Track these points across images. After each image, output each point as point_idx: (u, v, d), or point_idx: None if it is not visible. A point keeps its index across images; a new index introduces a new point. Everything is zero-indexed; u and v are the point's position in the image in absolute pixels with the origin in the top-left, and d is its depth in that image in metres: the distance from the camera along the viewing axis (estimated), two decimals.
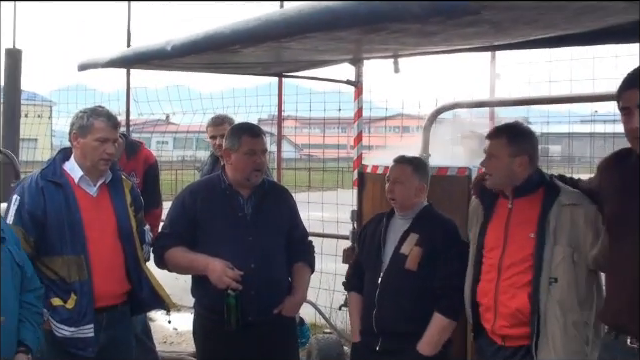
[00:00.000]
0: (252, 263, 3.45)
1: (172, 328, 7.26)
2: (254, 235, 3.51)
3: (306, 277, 3.72)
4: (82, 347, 3.33)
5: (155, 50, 3.51)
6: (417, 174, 3.51)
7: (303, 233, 3.83)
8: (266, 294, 3.49)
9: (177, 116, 8.49)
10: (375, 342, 3.44)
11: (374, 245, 3.55)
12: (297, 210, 3.83)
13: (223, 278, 3.35)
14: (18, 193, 3.37)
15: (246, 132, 3.59)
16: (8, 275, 2.88)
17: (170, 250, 3.57)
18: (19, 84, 6.96)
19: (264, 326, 3.49)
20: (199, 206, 3.57)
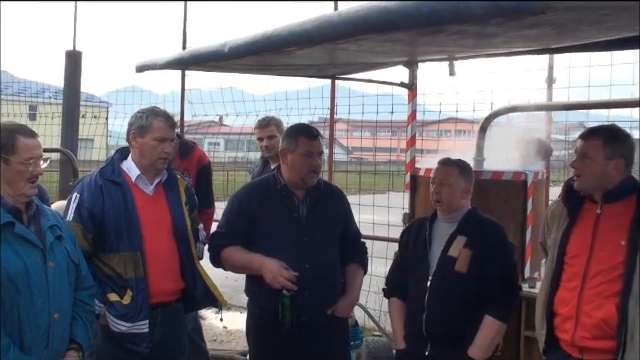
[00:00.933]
0: (307, 264, 3.45)
1: (222, 327, 7.34)
2: (309, 236, 3.51)
3: (359, 278, 3.71)
4: (137, 342, 3.38)
5: (212, 51, 3.55)
6: (463, 176, 3.48)
7: (357, 234, 3.82)
8: (320, 295, 3.49)
9: (229, 118, 8.58)
10: (424, 347, 3.39)
11: (419, 249, 3.51)
12: (351, 211, 3.82)
13: (278, 278, 3.36)
14: (78, 191, 3.45)
15: (303, 133, 3.60)
16: (64, 272, 2.94)
17: (226, 249, 3.59)
18: (79, 85, 7.13)
19: (317, 326, 3.49)
20: (255, 206, 3.59)
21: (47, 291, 2.82)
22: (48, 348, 2.84)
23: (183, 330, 3.75)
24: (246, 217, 3.59)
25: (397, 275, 3.67)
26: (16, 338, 2.74)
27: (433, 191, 3.50)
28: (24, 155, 2.81)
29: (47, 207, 3.11)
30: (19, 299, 2.74)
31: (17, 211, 2.84)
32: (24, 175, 2.82)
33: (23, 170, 2.81)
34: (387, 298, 3.73)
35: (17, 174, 2.81)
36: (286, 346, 3.47)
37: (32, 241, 2.82)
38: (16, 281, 2.73)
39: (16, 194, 2.83)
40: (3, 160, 2.80)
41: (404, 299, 3.58)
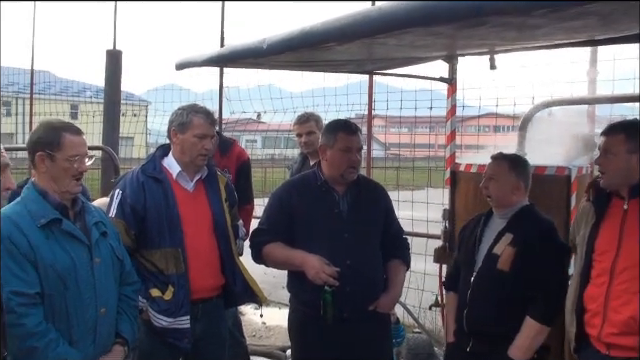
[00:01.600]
0: (348, 260, 3.44)
1: (261, 322, 7.37)
2: (350, 231, 3.50)
3: (401, 274, 3.69)
4: (179, 337, 3.42)
5: (250, 48, 3.56)
6: (514, 171, 3.41)
7: (398, 230, 3.80)
8: (361, 290, 3.47)
9: (267, 115, 8.61)
10: (466, 343, 3.39)
11: (470, 244, 3.49)
12: (392, 206, 3.80)
13: (320, 274, 3.36)
14: (120, 187, 3.49)
15: (342, 129, 3.58)
16: (109, 268, 2.99)
17: (267, 245, 3.60)
18: (119, 84, 7.23)
19: (359, 322, 3.48)
20: (295, 202, 3.59)
21: (94, 286, 2.87)
22: (95, 342, 2.89)
23: (224, 326, 3.77)
24: (287, 213, 3.60)
25: (454, 270, 3.67)
26: (64, 332, 2.79)
27: (482, 185, 3.46)
28: (69, 152, 2.85)
29: (91, 204, 3.15)
30: (67, 294, 2.79)
31: (63, 208, 2.89)
32: (69, 172, 2.86)
33: (68, 167, 2.85)
34: (447, 291, 3.77)
35: (62, 171, 2.86)
36: (328, 342, 3.47)
37: (79, 237, 2.87)
38: (64, 277, 2.78)
39: (61, 191, 2.87)
40: (49, 157, 2.85)
41: None
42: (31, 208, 2.81)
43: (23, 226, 2.76)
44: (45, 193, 2.86)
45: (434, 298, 5.28)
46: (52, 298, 2.76)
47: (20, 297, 2.66)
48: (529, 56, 4.66)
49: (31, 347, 2.68)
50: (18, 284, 2.67)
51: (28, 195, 2.87)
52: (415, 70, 5.33)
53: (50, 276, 2.75)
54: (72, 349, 2.79)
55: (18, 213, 2.79)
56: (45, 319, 2.75)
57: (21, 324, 2.66)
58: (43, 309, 2.75)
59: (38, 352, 2.70)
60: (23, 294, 2.68)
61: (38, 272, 2.74)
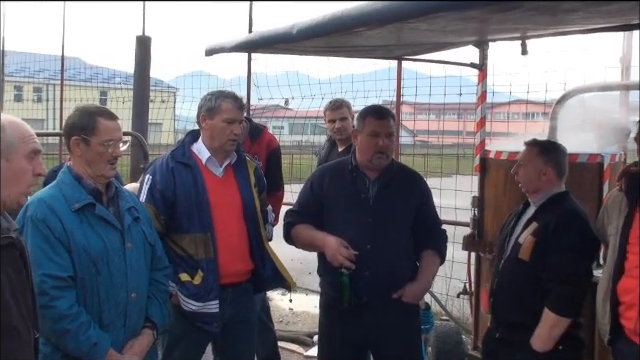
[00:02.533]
0: (368, 244, 3.44)
1: (288, 308, 7.41)
2: (374, 217, 3.48)
3: (432, 265, 3.62)
4: (208, 322, 3.45)
5: (281, 34, 3.54)
6: (542, 157, 3.35)
7: (434, 220, 3.72)
8: (382, 276, 3.45)
9: (295, 101, 8.60)
10: (496, 329, 3.41)
11: (505, 233, 3.47)
12: (430, 196, 3.71)
13: (337, 256, 3.38)
14: (150, 173, 3.52)
15: (371, 113, 3.57)
16: (141, 253, 3.01)
17: (296, 226, 3.65)
18: (148, 70, 7.25)
19: (382, 309, 3.46)
20: (326, 186, 3.61)
21: (125, 271, 2.89)
22: (125, 326, 2.92)
23: (253, 310, 3.79)
24: (316, 196, 3.63)
25: None
26: (96, 316, 2.82)
27: (512, 172, 3.44)
28: (104, 137, 2.87)
29: (125, 189, 3.17)
30: (99, 279, 2.82)
31: (97, 192, 2.91)
32: (104, 156, 2.88)
33: (102, 151, 2.88)
34: None
35: (97, 155, 2.88)
36: (351, 326, 3.49)
37: (111, 222, 2.89)
38: (96, 261, 2.81)
39: (96, 175, 2.90)
40: (83, 141, 2.87)
41: None
42: (66, 192, 2.85)
43: (58, 210, 2.79)
44: (80, 178, 2.89)
45: (462, 286, 5.25)
46: (84, 282, 2.79)
47: (53, 280, 2.70)
48: (561, 41, 4.57)
49: (63, 329, 2.72)
50: (51, 267, 2.70)
51: (63, 179, 2.90)
52: (444, 56, 5.28)
53: (83, 260, 2.78)
54: (103, 332, 2.82)
55: (53, 197, 2.82)
56: (77, 302, 2.78)
57: (53, 306, 2.70)
58: (75, 292, 2.78)
59: (70, 334, 2.73)
60: (56, 277, 2.71)
61: (71, 256, 2.77)
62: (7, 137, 2.10)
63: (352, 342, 3.54)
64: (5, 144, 2.10)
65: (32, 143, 2.17)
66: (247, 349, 3.74)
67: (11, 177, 2.11)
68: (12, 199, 2.14)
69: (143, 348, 2.99)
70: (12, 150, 2.11)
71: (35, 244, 2.69)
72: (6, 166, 2.10)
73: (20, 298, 2.11)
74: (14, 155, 2.11)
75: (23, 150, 2.13)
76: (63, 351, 2.78)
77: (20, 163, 2.13)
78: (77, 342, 2.75)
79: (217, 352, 3.71)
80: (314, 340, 6.15)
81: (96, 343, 2.78)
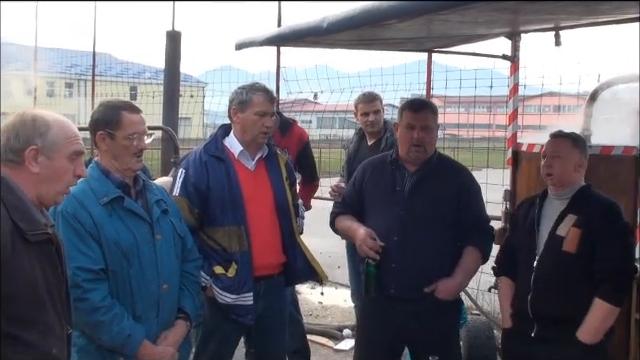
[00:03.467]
0: (395, 236, 3.43)
1: (317, 302, 7.42)
2: (406, 210, 3.46)
3: (470, 262, 3.53)
4: (242, 314, 3.47)
5: (311, 27, 3.55)
6: (577, 148, 3.31)
7: (478, 216, 3.60)
8: (408, 269, 3.42)
9: (323, 95, 8.60)
10: (530, 328, 3.29)
11: (527, 228, 3.38)
12: (474, 191, 3.61)
13: (362, 246, 3.41)
14: (184, 167, 3.55)
15: (407, 106, 3.57)
16: (171, 245, 3.03)
17: (338, 217, 3.73)
18: (179, 65, 7.31)
19: (414, 302, 3.44)
20: (366, 178, 3.64)
21: (156, 263, 2.92)
22: (158, 318, 2.95)
23: (285, 303, 3.82)
24: (358, 188, 3.67)
25: (506, 254, 3.55)
26: (128, 308, 2.86)
27: (544, 164, 3.35)
28: (128, 130, 2.90)
29: (152, 182, 3.21)
30: (130, 271, 2.85)
31: (125, 186, 2.94)
32: (129, 149, 2.91)
33: (128, 145, 2.90)
34: (496, 277, 3.65)
35: (122, 148, 2.91)
36: (384, 318, 3.49)
37: (140, 215, 2.92)
38: (127, 253, 2.84)
39: (123, 168, 2.93)
40: (109, 135, 2.91)
41: (513, 278, 3.47)
42: (94, 186, 2.88)
43: (87, 204, 2.83)
44: (108, 172, 2.92)
45: (494, 280, 5.20)
46: (116, 274, 2.83)
47: (85, 273, 2.74)
48: (595, 32, 4.50)
49: (97, 321, 2.75)
50: (83, 260, 2.74)
51: (91, 174, 2.92)
52: (474, 48, 5.24)
53: (114, 253, 2.81)
54: (136, 324, 2.85)
55: (82, 191, 2.85)
56: (110, 294, 2.81)
57: (86, 299, 2.73)
58: (108, 285, 2.82)
59: (103, 326, 2.77)
60: (88, 270, 2.75)
61: (102, 249, 2.80)
62: (52, 136, 2.14)
63: (386, 334, 3.53)
64: (49, 143, 2.14)
65: (75, 144, 2.20)
66: (279, 341, 3.76)
67: (52, 175, 2.15)
68: (50, 197, 2.18)
69: (177, 339, 3.02)
70: (55, 149, 2.15)
71: (66, 238, 2.71)
72: (47, 164, 2.14)
73: (55, 293, 2.14)
74: (56, 154, 2.15)
75: (66, 150, 2.17)
76: (97, 343, 2.82)
77: (61, 162, 2.16)
78: (111, 333, 2.78)
79: (250, 344, 3.73)
80: (344, 334, 6.16)
81: (130, 334, 2.81)
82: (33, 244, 2.05)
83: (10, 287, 1.97)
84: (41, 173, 2.13)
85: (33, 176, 2.13)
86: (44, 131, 2.14)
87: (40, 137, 2.13)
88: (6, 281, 1.96)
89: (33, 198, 2.14)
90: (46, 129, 2.14)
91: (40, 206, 2.17)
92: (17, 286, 1.99)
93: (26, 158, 2.12)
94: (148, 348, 2.87)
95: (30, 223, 2.06)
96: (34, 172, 2.13)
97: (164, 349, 2.94)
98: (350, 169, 4.79)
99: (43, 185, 2.15)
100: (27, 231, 2.03)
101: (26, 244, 2.03)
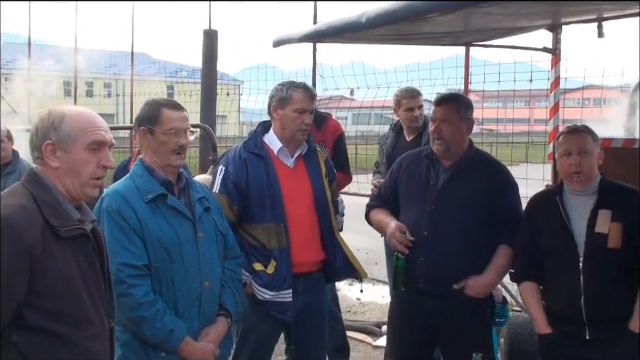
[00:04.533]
0: (425, 231, 3.40)
1: (356, 298, 7.41)
2: (437, 204, 3.43)
3: (502, 260, 3.44)
4: (282, 311, 3.48)
5: (349, 23, 3.52)
6: (596, 142, 3.23)
7: (514, 213, 3.50)
8: (437, 264, 3.39)
9: (359, 91, 8.56)
10: (582, 331, 3.17)
11: (555, 228, 3.24)
12: (510, 188, 3.54)
13: (391, 240, 3.42)
14: (223, 164, 3.57)
15: (436, 100, 3.59)
16: (213, 242, 3.04)
17: (373, 210, 3.73)
18: (216, 63, 7.36)
19: (444, 297, 3.40)
20: (402, 172, 3.63)
21: (198, 260, 2.93)
22: (200, 314, 2.96)
23: (324, 300, 3.81)
24: (392, 182, 3.66)
25: (528, 257, 3.36)
26: (171, 304, 2.88)
27: (572, 162, 3.19)
28: (166, 126, 2.92)
29: (195, 180, 3.21)
30: (173, 267, 2.87)
31: (169, 184, 2.97)
32: (168, 145, 2.92)
33: (166, 140, 2.92)
34: (516, 282, 3.45)
35: (161, 145, 2.93)
36: (414, 312, 3.48)
37: (183, 212, 2.94)
38: (169, 250, 2.86)
39: (163, 164, 2.95)
40: (149, 131, 2.94)
41: (539, 282, 3.35)
42: (139, 184, 2.91)
43: (131, 201, 2.86)
44: (152, 170, 2.95)
45: None
46: (158, 271, 2.85)
47: (129, 269, 2.76)
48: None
49: (140, 316, 2.78)
50: (127, 256, 2.77)
51: (136, 171, 2.97)
52: (513, 42, 5.16)
53: (157, 249, 2.84)
54: (179, 320, 2.87)
55: (127, 188, 2.90)
56: (153, 291, 2.84)
57: (130, 294, 2.76)
58: (151, 281, 2.84)
59: (146, 321, 2.79)
60: (132, 266, 2.77)
61: (145, 245, 2.83)
62: (66, 128, 2.13)
63: (414, 329, 3.51)
64: (63, 135, 2.13)
65: (93, 135, 2.16)
66: (319, 338, 3.76)
67: (71, 168, 2.14)
68: (76, 190, 2.16)
69: (218, 335, 3.02)
70: (70, 141, 2.13)
71: (111, 234, 2.75)
72: (65, 157, 2.13)
73: (93, 288, 2.15)
74: (73, 146, 2.14)
75: (82, 141, 2.15)
76: (141, 338, 2.85)
77: (79, 154, 2.15)
78: (154, 329, 2.80)
79: (290, 341, 3.74)
80: (382, 330, 6.14)
81: (172, 330, 2.83)
82: (66, 240, 2.06)
83: (45, 282, 2.00)
84: (61, 167, 2.13)
85: (55, 171, 2.14)
86: (58, 124, 2.13)
87: (54, 131, 2.12)
88: (40, 277, 1.99)
89: (64, 193, 2.14)
90: (60, 122, 2.13)
91: (72, 201, 2.17)
92: (52, 281, 2.01)
93: (44, 153, 2.13)
94: (190, 344, 2.89)
95: (62, 219, 2.07)
96: (54, 166, 2.13)
97: (205, 345, 2.95)
98: (390, 165, 4.75)
99: (66, 178, 2.14)
100: (59, 227, 2.04)
101: (59, 240, 2.04)
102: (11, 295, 1.96)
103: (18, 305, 1.98)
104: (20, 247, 1.95)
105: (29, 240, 1.97)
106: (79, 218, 2.15)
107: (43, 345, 2.03)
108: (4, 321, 1.96)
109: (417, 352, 3.57)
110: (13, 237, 1.95)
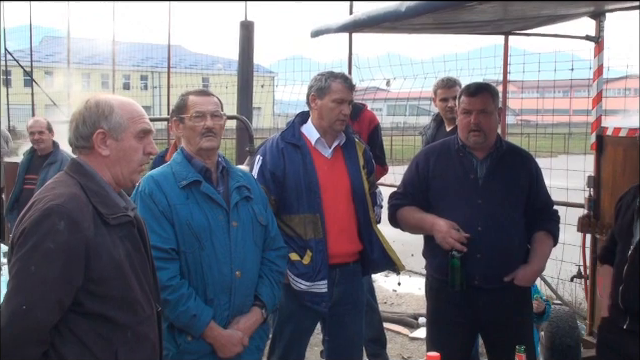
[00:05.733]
0: (479, 226, 3.34)
1: (392, 290, 7.40)
2: (484, 198, 3.38)
3: (546, 247, 3.47)
4: (317, 301, 3.47)
5: (389, 12, 3.49)
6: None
7: (546, 201, 3.57)
8: (493, 259, 3.35)
9: (395, 82, 8.49)
10: (622, 320, 3.12)
11: (627, 217, 3.21)
12: (540, 176, 3.57)
13: (447, 239, 3.31)
14: (261, 153, 3.57)
15: (465, 91, 3.49)
16: (248, 232, 3.02)
17: (402, 209, 3.59)
18: (252, 54, 7.36)
19: (495, 292, 3.37)
20: (432, 167, 3.53)
21: (229, 249, 2.92)
22: (230, 302, 2.93)
23: (361, 292, 3.77)
24: (422, 178, 3.55)
25: (609, 242, 3.40)
26: (200, 290, 2.88)
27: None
28: (192, 111, 2.96)
29: (238, 169, 3.21)
30: (202, 254, 2.87)
31: (206, 171, 2.99)
32: (197, 130, 2.95)
33: (194, 125, 2.96)
34: (600, 264, 3.52)
35: (190, 130, 2.97)
36: (462, 310, 3.41)
37: (216, 200, 2.94)
38: (199, 235, 2.86)
39: (195, 149, 2.98)
40: (180, 120, 2.99)
41: None
42: (176, 170, 2.95)
43: (164, 186, 2.89)
44: (190, 157, 2.98)
45: (578, 269, 5.05)
46: (187, 256, 2.86)
47: (156, 251, 2.74)
48: None
49: (164, 300, 2.74)
50: (155, 239, 2.76)
51: (175, 158, 3.02)
52: (555, 30, 5.07)
53: (186, 234, 2.85)
54: (205, 306, 2.86)
55: (163, 174, 2.94)
56: (180, 275, 2.85)
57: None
58: (179, 265, 2.85)
59: (169, 305, 2.80)
60: (159, 249, 2.78)
61: (175, 230, 2.85)
62: (116, 117, 2.20)
63: (463, 325, 3.47)
64: (114, 124, 2.19)
65: (141, 123, 2.25)
66: (355, 330, 3.73)
67: (122, 156, 2.21)
68: (125, 177, 2.24)
69: (249, 325, 2.99)
70: (121, 130, 2.20)
71: (142, 217, 2.79)
72: (116, 145, 2.20)
73: (140, 273, 2.21)
74: (123, 134, 2.21)
75: (132, 130, 2.22)
76: (168, 321, 2.85)
77: (129, 142, 2.22)
78: (176, 312, 2.81)
79: (326, 332, 3.73)
80: (419, 322, 6.12)
81: (195, 315, 2.83)
82: (114, 227, 2.13)
83: (99, 269, 2.05)
84: (111, 155, 2.20)
85: (105, 159, 2.20)
86: (108, 113, 2.19)
87: (105, 120, 2.19)
88: (95, 263, 2.04)
89: (110, 181, 2.21)
90: (110, 111, 2.19)
91: (117, 188, 2.24)
92: (105, 267, 2.07)
93: (95, 142, 2.19)
94: (215, 330, 2.88)
95: (110, 207, 2.14)
96: (104, 155, 2.19)
97: (232, 332, 2.93)
98: None
99: (116, 166, 2.21)
100: (107, 215, 2.11)
101: (108, 227, 2.10)
102: (71, 281, 2.01)
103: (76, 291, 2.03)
104: (77, 234, 2.01)
105: (84, 227, 2.02)
106: (124, 206, 2.20)
107: (98, 329, 2.09)
108: (64, 307, 2.02)
109: (460, 345, 3.52)
110: (69, 224, 2.00)
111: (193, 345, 2.90)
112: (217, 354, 2.93)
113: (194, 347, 2.90)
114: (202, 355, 2.92)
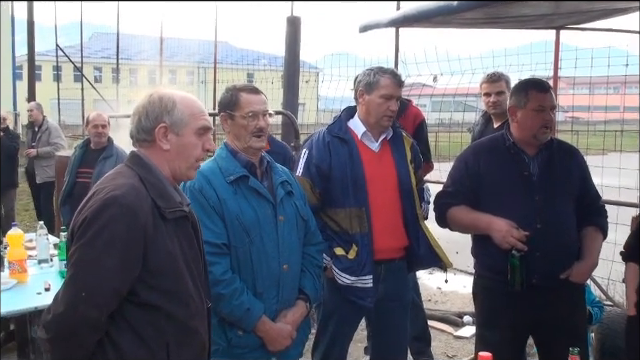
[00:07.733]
0: (538, 223, 3.26)
1: (436, 287, 7.33)
2: (540, 195, 3.31)
3: (597, 242, 3.41)
4: (361, 296, 3.44)
5: (440, 6, 3.46)
6: None
7: (595, 196, 3.52)
8: (552, 257, 3.28)
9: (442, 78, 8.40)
10: None
11: None
12: (588, 171, 3.53)
13: (508, 238, 3.22)
14: (307, 147, 3.57)
15: (534, 87, 3.36)
16: (293, 227, 3.04)
17: (452, 209, 3.49)
18: (299, 50, 7.36)
19: (550, 290, 3.30)
20: (482, 165, 3.44)
21: (277, 243, 2.94)
22: (278, 296, 2.97)
23: (406, 288, 3.74)
24: (472, 177, 3.45)
25: (634, 240, 3.36)
26: (249, 284, 2.91)
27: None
28: (245, 109, 2.96)
29: (278, 164, 3.22)
30: (252, 248, 2.89)
31: (251, 166, 3.00)
32: (247, 129, 2.96)
33: (245, 124, 2.96)
34: (625, 262, 3.42)
35: (241, 128, 2.97)
36: (516, 309, 3.33)
37: (264, 195, 2.96)
38: (248, 230, 2.88)
39: (244, 147, 2.99)
40: (229, 116, 3.00)
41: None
42: (222, 165, 2.97)
43: (213, 181, 2.91)
44: (235, 152, 3.00)
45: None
46: (237, 250, 2.88)
47: (209, 246, 2.76)
48: None
49: (217, 294, 2.79)
50: (207, 234, 2.78)
51: (220, 154, 3.04)
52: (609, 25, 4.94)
53: (236, 229, 2.87)
54: (256, 300, 2.89)
55: (210, 169, 2.95)
56: (231, 269, 2.87)
57: (209, 272, 2.77)
58: (230, 260, 2.88)
59: (224, 299, 2.83)
60: (211, 244, 2.80)
61: (225, 224, 2.87)
62: (178, 112, 2.22)
63: (518, 326, 3.38)
64: (176, 119, 2.22)
65: (202, 120, 2.27)
66: (400, 326, 3.71)
67: (182, 151, 2.24)
68: (182, 172, 2.27)
69: (296, 318, 3.03)
70: (182, 125, 2.23)
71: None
72: (176, 140, 2.23)
73: (193, 268, 2.23)
74: (184, 130, 2.23)
75: (193, 126, 2.24)
76: (219, 316, 2.88)
77: (190, 138, 2.24)
78: (231, 307, 2.84)
79: (371, 328, 3.72)
80: (464, 320, 6.05)
81: (249, 308, 2.86)
82: (170, 221, 2.15)
83: (155, 260, 2.08)
84: (172, 149, 2.22)
85: (165, 153, 2.23)
86: (171, 108, 2.22)
87: (168, 114, 2.21)
88: (152, 255, 2.07)
89: (168, 175, 2.24)
90: (172, 106, 2.22)
91: (174, 182, 2.26)
92: (161, 260, 2.09)
93: (156, 136, 2.21)
94: (266, 324, 2.91)
95: (167, 201, 2.16)
96: (165, 149, 2.22)
97: (282, 326, 2.96)
98: None
99: (175, 161, 2.23)
100: (165, 208, 2.13)
101: (164, 221, 2.13)
102: (129, 271, 2.04)
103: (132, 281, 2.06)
104: (136, 224, 2.03)
105: (143, 218, 2.05)
106: (179, 200, 2.23)
107: (152, 321, 2.12)
108: (121, 296, 2.05)
109: (514, 346, 3.45)
110: (129, 215, 2.03)
111: (243, 339, 2.92)
112: (267, 347, 2.95)
113: (244, 341, 2.93)
114: (251, 349, 2.95)
